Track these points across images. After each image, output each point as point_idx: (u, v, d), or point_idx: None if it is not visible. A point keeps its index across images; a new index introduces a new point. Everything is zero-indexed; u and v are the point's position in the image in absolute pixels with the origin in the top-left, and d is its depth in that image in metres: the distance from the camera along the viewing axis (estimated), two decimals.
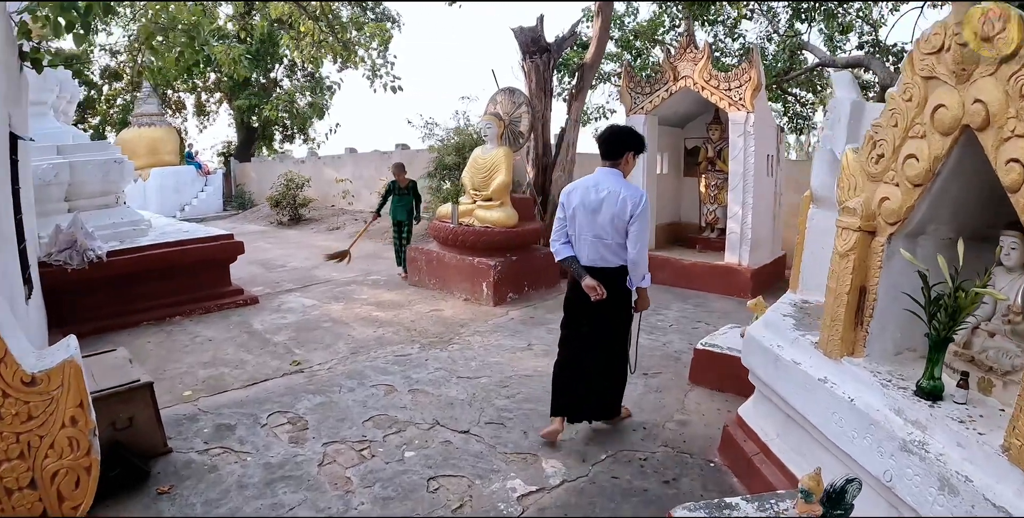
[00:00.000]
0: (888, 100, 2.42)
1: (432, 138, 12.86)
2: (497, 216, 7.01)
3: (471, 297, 7.00)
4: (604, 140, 3.46)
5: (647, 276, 3.50)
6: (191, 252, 6.60)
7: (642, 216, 3.31)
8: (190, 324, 6.18)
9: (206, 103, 23.14)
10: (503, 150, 7.28)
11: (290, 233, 13.53)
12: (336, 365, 5.00)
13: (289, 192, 14.77)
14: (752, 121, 6.89)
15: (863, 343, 2.59)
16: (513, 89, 7.78)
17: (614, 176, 3.42)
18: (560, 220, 3.53)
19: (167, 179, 17.09)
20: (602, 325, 3.55)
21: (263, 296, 7.27)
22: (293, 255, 10.44)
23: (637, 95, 7.83)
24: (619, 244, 3.39)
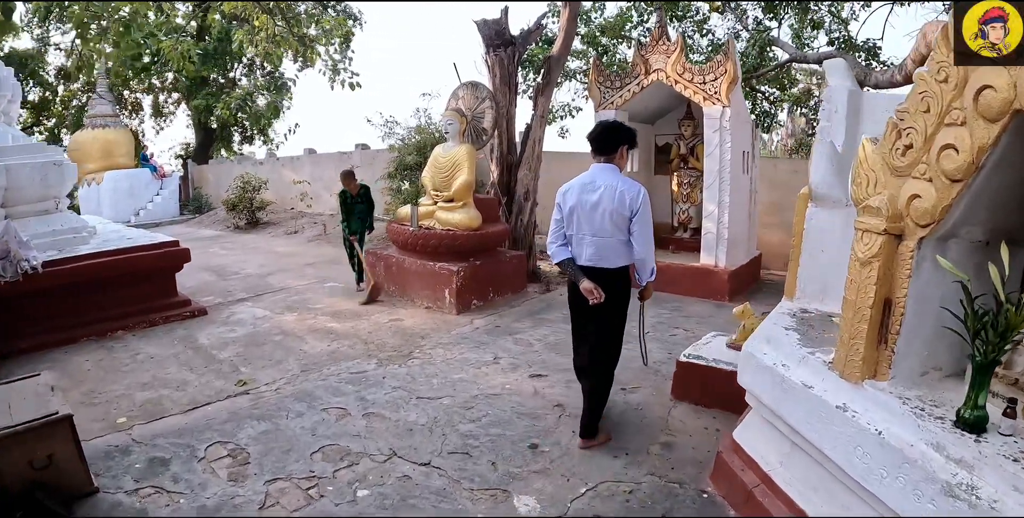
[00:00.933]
0: (916, 82, 2.08)
1: (392, 137, 12.50)
2: (459, 218, 6.59)
3: (433, 305, 6.57)
4: (596, 136, 3.40)
5: (654, 271, 3.49)
6: (133, 261, 6.10)
7: (643, 211, 3.26)
8: (133, 340, 5.68)
9: (164, 104, 22.32)
10: (465, 148, 6.86)
11: (246, 238, 12.98)
12: (285, 385, 4.54)
13: (246, 195, 14.23)
14: (728, 116, 6.60)
15: (888, 364, 2.25)
16: (476, 83, 7.37)
17: (610, 171, 3.35)
18: (557, 221, 3.47)
19: (121, 183, 16.39)
20: (602, 327, 3.50)
21: (213, 307, 6.78)
22: (248, 261, 9.89)
23: (607, 89, 7.49)
24: (620, 241, 3.32)
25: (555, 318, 6.17)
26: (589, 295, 3.30)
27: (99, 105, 16.57)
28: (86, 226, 6.55)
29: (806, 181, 9.38)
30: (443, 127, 7.17)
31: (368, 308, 6.65)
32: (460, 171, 6.76)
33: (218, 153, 22.29)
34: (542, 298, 7.10)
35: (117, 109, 17.84)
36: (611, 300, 3.36)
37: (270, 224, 14.07)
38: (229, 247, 11.62)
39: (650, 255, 3.36)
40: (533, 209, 8.14)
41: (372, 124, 13.33)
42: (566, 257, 3.44)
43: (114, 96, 18.14)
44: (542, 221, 10.92)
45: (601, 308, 3.36)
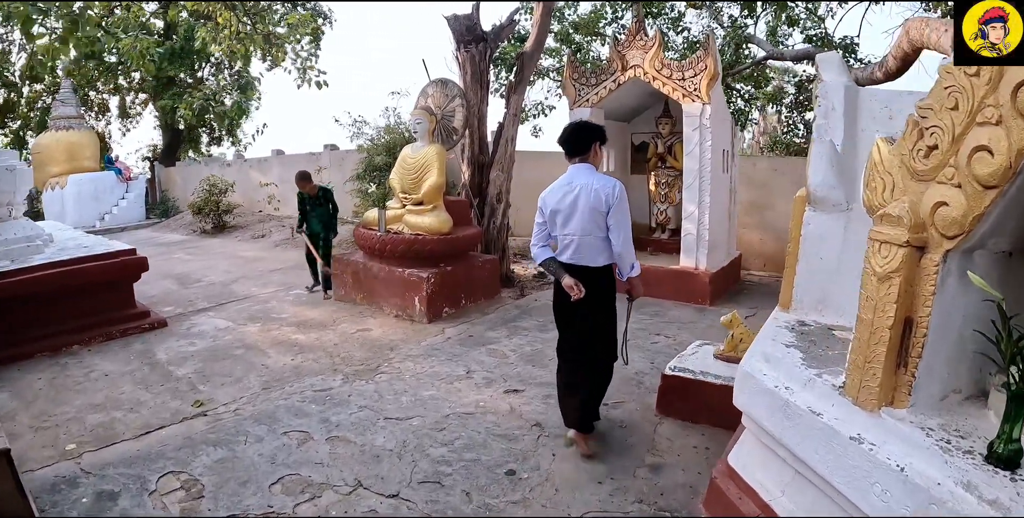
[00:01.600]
0: (942, 75, 1.86)
1: (361, 137, 12.24)
2: (429, 222, 6.30)
3: (402, 313, 6.27)
4: (567, 138, 3.46)
5: (636, 265, 3.48)
6: (89, 271, 5.74)
7: (619, 206, 3.30)
8: (87, 355, 5.33)
9: (131, 105, 21.61)
10: (435, 148, 6.58)
11: (212, 242, 12.55)
12: (245, 405, 4.23)
13: (212, 198, 13.82)
14: (708, 113, 6.40)
15: (907, 390, 2.03)
16: (446, 81, 7.09)
17: (586, 170, 3.42)
18: (539, 224, 3.53)
19: (85, 186, 15.86)
20: (591, 326, 3.51)
21: (173, 317, 6.43)
22: (213, 267, 9.49)
23: (582, 87, 7.25)
24: (600, 238, 3.36)
25: (530, 326, 5.92)
26: (570, 290, 3.33)
27: (63, 107, 16.09)
28: (41, 234, 6.15)
29: (785, 180, 9.22)
30: (412, 126, 6.88)
31: (335, 317, 6.33)
32: (429, 172, 6.47)
33: (186, 155, 21.75)
34: (516, 304, 6.85)
35: (82, 110, 17.36)
36: (596, 298, 3.42)
37: (237, 228, 13.67)
38: (194, 252, 11.22)
39: (628, 249, 3.38)
40: (506, 211, 7.88)
41: (340, 124, 13.10)
42: (547, 257, 3.49)
43: (79, 97, 17.58)
44: (515, 223, 10.71)
45: (588, 307, 3.40)
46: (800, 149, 13.65)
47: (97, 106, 21.17)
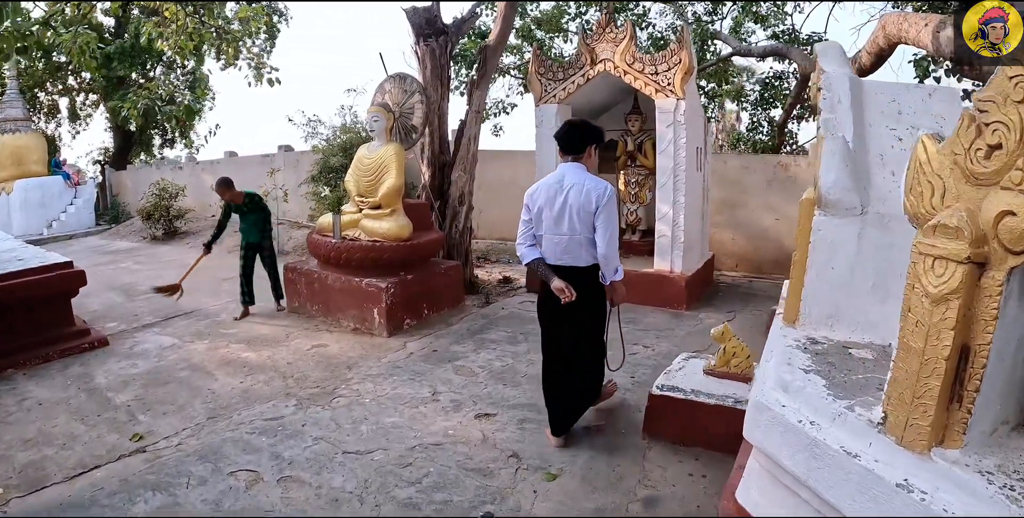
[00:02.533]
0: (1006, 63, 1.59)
1: (316, 137, 11.80)
2: (387, 227, 5.91)
3: (361, 326, 5.87)
4: (564, 135, 3.46)
5: (620, 269, 3.48)
6: (21, 287, 5.24)
7: (608, 207, 3.30)
8: (22, 380, 4.86)
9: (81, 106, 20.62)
10: (393, 147, 6.19)
11: (163, 250, 11.94)
12: (188, 438, 3.83)
13: (162, 203, 13.23)
14: (683, 109, 6.16)
15: (961, 428, 1.76)
16: (405, 75, 6.71)
17: (578, 170, 3.41)
18: (525, 222, 3.51)
19: (32, 192, 15.09)
20: (575, 327, 3.53)
21: (116, 335, 5.96)
22: (161, 277, 8.88)
23: (548, 82, 6.95)
24: (588, 238, 3.36)
25: (499, 338, 5.59)
26: (560, 294, 3.33)
27: (8, 109, 15.28)
28: None
29: (756, 177, 9.03)
30: (368, 124, 6.48)
31: (289, 331, 5.91)
32: (387, 174, 6.09)
33: (137, 158, 20.97)
34: (482, 313, 6.51)
35: (29, 112, 16.57)
36: (584, 298, 3.41)
37: (189, 234, 13.09)
38: (143, 261, 10.64)
39: (613, 251, 3.38)
40: (468, 214, 7.53)
41: (294, 123, 12.62)
42: (536, 257, 3.47)
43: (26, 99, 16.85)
44: (478, 226, 10.37)
45: (576, 308, 3.40)
46: (766, 146, 13.65)
47: (47, 108, 20.24)
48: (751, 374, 3.65)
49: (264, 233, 6.62)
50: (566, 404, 3.61)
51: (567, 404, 3.61)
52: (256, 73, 10.28)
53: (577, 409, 3.71)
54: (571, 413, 3.66)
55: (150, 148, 21.34)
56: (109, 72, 16.54)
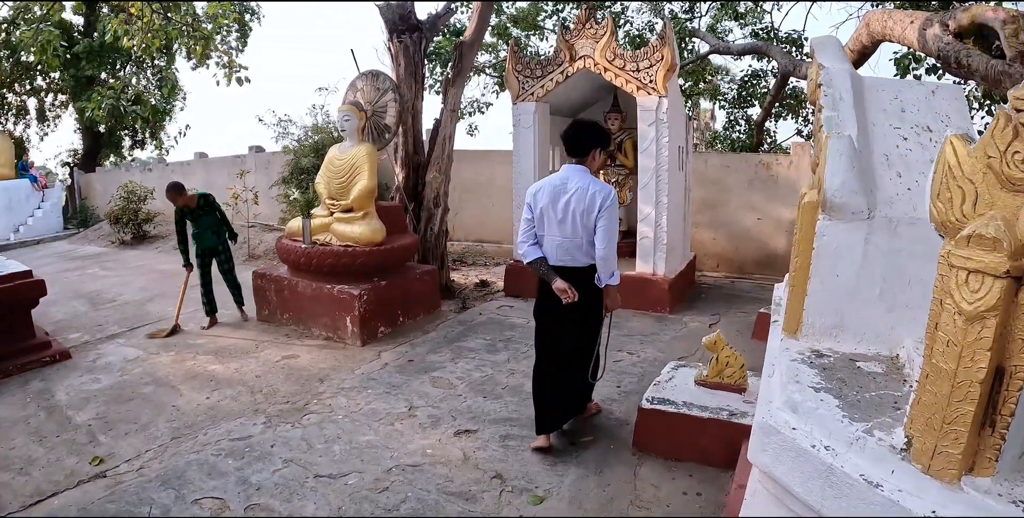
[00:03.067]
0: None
1: (287, 138, 11.49)
2: (360, 231, 5.69)
3: (333, 335, 5.64)
4: (570, 137, 3.47)
5: (616, 273, 3.48)
6: None
7: (610, 211, 3.34)
8: None
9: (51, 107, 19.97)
10: (365, 147, 5.97)
11: (131, 255, 11.56)
12: (151, 461, 3.59)
13: (130, 206, 12.82)
14: (665, 107, 6.03)
15: (992, 454, 1.61)
16: (377, 73, 6.48)
17: (582, 172, 3.42)
18: (527, 221, 3.53)
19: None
20: (575, 327, 3.55)
21: (79, 347, 5.67)
22: (128, 284, 8.61)
23: (526, 79, 6.77)
24: (589, 242, 3.40)
25: (477, 346, 5.40)
26: (563, 294, 3.37)
27: None
28: None
29: (737, 176, 8.93)
30: (339, 124, 6.24)
31: (258, 341, 5.66)
32: (359, 175, 5.87)
33: (107, 159, 20.42)
34: (459, 319, 6.31)
35: None
36: (582, 299, 3.42)
37: (158, 238, 12.71)
38: (110, 267, 10.27)
39: (612, 254, 3.39)
40: (444, 216, 7.33)
41: (264, 124, 12.31)
42: (537, 256, 3.48)
43: None
44: (453, 227, 10.18)
45: (574, 307, 3.43)
46: (745, 145, 13.63)
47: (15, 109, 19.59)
48: (745, 385, 3.51)
49: (219, 236, 6.28)
50: (554, 403, 3.60)
51: (555, 403, 3.60)
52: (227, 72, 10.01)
53: (566, 411, 3.72)
54: (559, 414, 3.66)
55: (120, 149, 20.77)
56: (77, 72, 16.08)
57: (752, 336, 5.81)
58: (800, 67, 8.93)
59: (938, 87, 2.97)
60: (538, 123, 6.83)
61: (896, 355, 2.61)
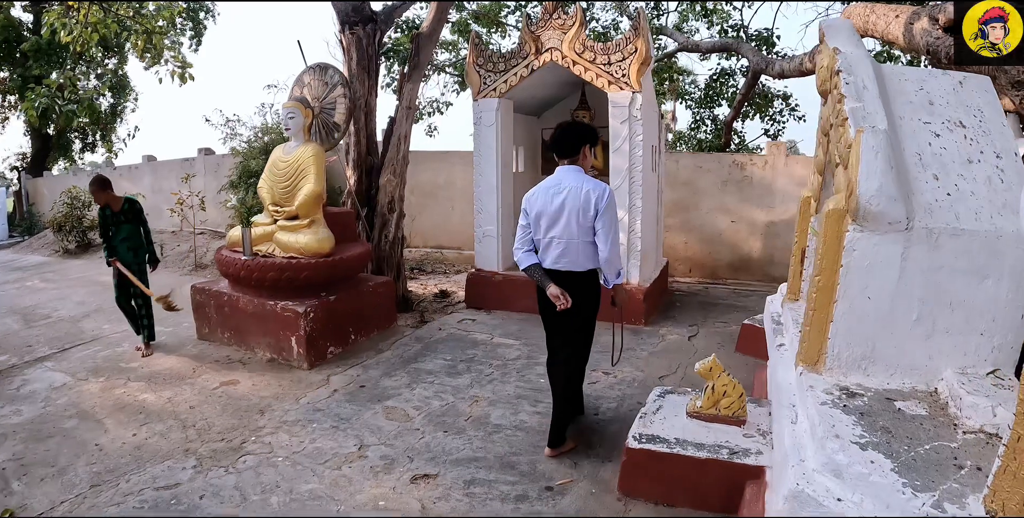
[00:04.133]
0: None
1: (235, 139, 10.86)
2: (305, 241, 5.16)
3: (278, 356, 5.11)
4: (557, 139, 3.42)
5: (622, 272, 3.51)
6: None
7: (608, 210, 3.30)
8: None
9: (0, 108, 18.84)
10: (311, 148, 5.44)
11: (73, 265, 10.78)
12: (66, 514, 3.04)
13: (74, 213, 12.11)
14: (639, 103, 5.64)
15: None
16: (326, 66, 5.95)
17: (575, 172, 3.39)
18: (523, 227, 3.51)
19: None
20: (569, 334, 3.55)
21: (3, 372, 5.07)
22: (66, 298, 7.91)
23: (488, 74, 6.32)
24: (586, 243, 3.35)
25: (436, 368, 4.92)
26: (555, 300, 3.32)
27: None
28: None
29: (710, 177, 8.65)
30: (283, 122, 5.69)
31: (196, 364, 5.10)
32: (305, 178, 5.34)
33: (55, 163, 19.43)
34: (416, 335, 5.82)
35: None
36: (580, 304, 3.40)
37: None
38: (50, 278, 9.53)
39: (615, 255, 3.37)
40: (400, 222, 6.83)
41: (211, 124, 11.66)
42: (532, 263, 3.45)
43: None
44: (411, 233, 9.70)
45: (570, 314, 3.40)
46: (713, 145, 13.41)
47: None
48: (745, 416, 3.11)
49: (136, 254, 5.47)
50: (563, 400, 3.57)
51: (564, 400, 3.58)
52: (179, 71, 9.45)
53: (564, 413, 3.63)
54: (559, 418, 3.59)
55: (69, 153, 19.81)
56: (24, 71, 15.14)
57: (736, 349, 5.46)
58: (772, 64, 8.69)
59: (965, 78, 2.60)
60: (501, 121, 6.38)
61: (934, 389, 2.22)
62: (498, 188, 6.56)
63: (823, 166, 2.99)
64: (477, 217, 6.70)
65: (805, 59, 7.64)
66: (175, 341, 5.77)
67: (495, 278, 6.67)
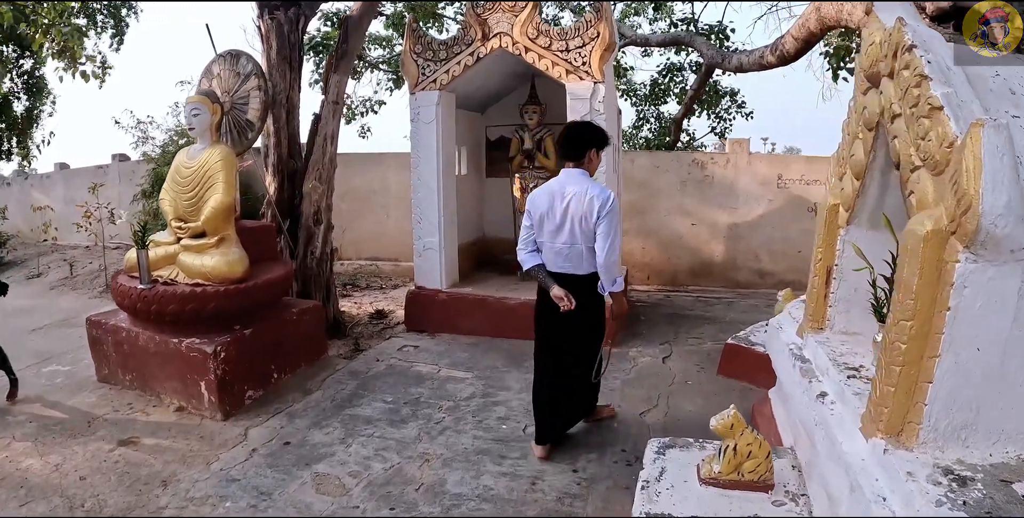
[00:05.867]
0: None
1: (148, 143, 9.94)
2: (213, 264, 4.40)
3: (187, 404, 4.33)
4: (563, 140, 3.49)
5: (619, 280, 3.56)
6: None
7: (610, 216, 3.34)
8: None
9: None
10: (220, 151, 4.69)
11: None
12: None
13: None
14: (601, 94, 5.10)
15: None
16: (238, 53, 5.18)
17: (580, 176, 3.44)
18: (527, 228, 3.56)
19: None
20: (576, 336, 3.59)
21: None
22: None
23: (427, 62, 5.67)
24: (589, 248, 3.42)
25: (375, 414, 4.24)
26: (559, 302, 3.39)
27: None
28: None
29: (668, 178, 8.55)
30: (186, 121, 4.90)
31: (95, 414, 4.29)
32: (212, 188, 4.59)
33: None
34: (351, 369, 5.11)
35: None
36: (583, 307, 3.46)
37: (13, 264, 10.79)
38: None
39: (613, 261, 3.42)
40: (328, 234, 6.11)
41: (121, 127, 10.67)
42: (536, 263, 3.52)
43: None
44: (344, 245, 8.98)
45: (574, 316, 3.46)
46: (658, 144, 13.09)
47: None
48: (771, 479, 2.57)
49: None
50: (555, 412, 3.65)
51: (557, 412, 3.66)
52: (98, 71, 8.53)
53: (568, 419, 3.80)
54: (560, 422, 3.72)
55: None
56: None
57: (718, 371, 5.00)
58: (729, 58, 8.34)
59: None
60: (442, 116, 5.73)
61: None
62: (439, 193, 5.89)
63: (863, 168, 2.49)
64: (416, 227, 6.03)
65: (766, 52, 7.27)
66: (72, 383, 4.90)
67: (439, 297, 6.01)
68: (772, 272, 8.32)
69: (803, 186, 8.05)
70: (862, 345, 2.73)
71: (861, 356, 2.62)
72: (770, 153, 14.14)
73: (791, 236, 8.10)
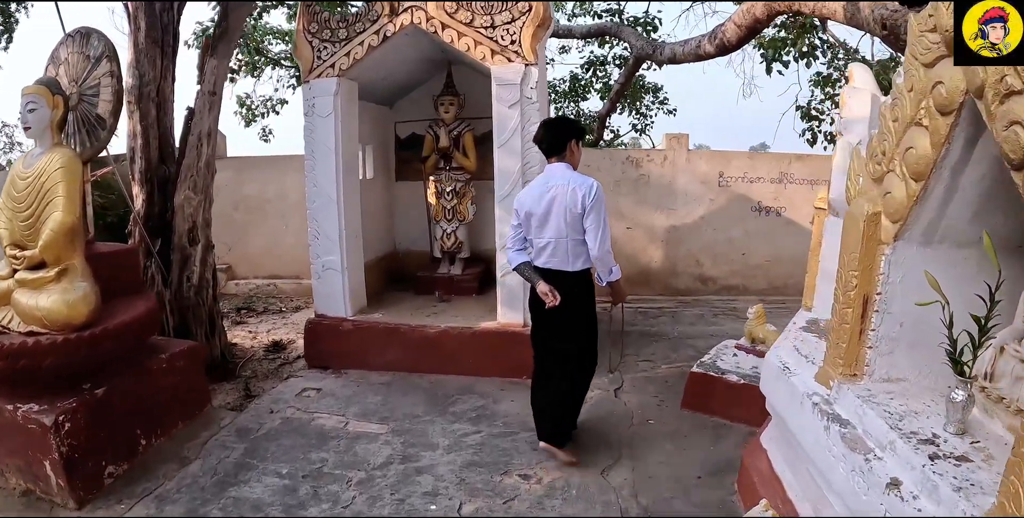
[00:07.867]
0: None
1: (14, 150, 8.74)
2: (50, 305, 3.36)
3: (34, 486, 3.33)
4: (542, 138, 3.55)
5: (615, 268, 3.56)
6: None
7: (596, 206, 3.37)
8: None
9: None
10: (60, 156, 3.65)
11: None
12: None
13: None
14: (534, 79, 4.38)
15: None
16: (89, 31, 4.13)
17: (563, 169, 3.49)
18: (514, 227, 3.63)
19: None
20: (570, 333, 3.59)
21: None
22: None
23: (324, 44, 4.78)
24: (576, 241, 3.43)
25: (267, 495, 3.33)
26: (544, 297, 3.41)
27: None
28: None
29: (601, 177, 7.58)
30: (21, 118, 3.83)
31: None
32: (51, 204, 3.57)
33: None
34: (239, 426, 4.15)
35: None
36: (573, 304, 3.48)
37: None
38: None
39: (606, 252, 3.43)
40: (208, 255, 5.11)
41: None
42: (521, 261, 3.58)
43: None
44: (237, 262, 8.04)
45: (565, 314, 3.47)
46: (584, 141, 12.55)
47: None
48: None
49: None
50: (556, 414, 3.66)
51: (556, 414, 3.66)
52: None
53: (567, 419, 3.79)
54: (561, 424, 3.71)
55: None
56: None
57: (682, 405, 4.36)
58: (661, 49, 7.82)
59: None
60: (342, 109, 4.84)
61: None
62: (340, 202, 4.98)
63: (929, 165, 1.83)
64: (313, 244, 5.11)
65: (704, 41, 6.78)
66: None
67: (343, 327, 5.11)
68: (714, 277, 7.86)
69: (746, 184, 7.61)
70: (913, 397, 2.10)
71: (923, 416, 1.98)
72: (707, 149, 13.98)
73: (734, 237, 7.68)
